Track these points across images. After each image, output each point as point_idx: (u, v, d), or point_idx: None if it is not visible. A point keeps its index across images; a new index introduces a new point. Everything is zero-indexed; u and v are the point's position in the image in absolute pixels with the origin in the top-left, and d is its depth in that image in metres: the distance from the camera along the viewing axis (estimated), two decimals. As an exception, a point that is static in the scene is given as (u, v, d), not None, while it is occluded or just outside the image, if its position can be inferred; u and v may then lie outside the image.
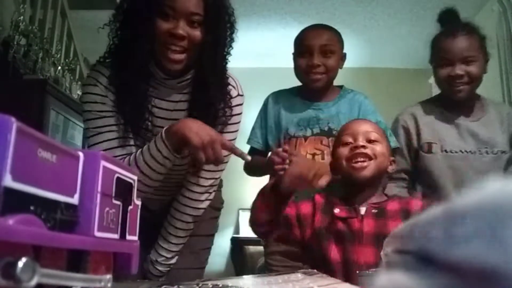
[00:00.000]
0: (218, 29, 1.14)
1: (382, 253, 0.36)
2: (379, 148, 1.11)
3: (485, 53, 1.48)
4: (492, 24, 3.20)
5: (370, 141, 1.11)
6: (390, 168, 1.16)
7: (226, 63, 1.21)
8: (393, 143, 1.46)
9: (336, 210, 1.09)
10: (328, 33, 1.56)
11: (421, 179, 1.54)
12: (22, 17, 2.48)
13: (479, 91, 1.54)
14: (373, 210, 1.08)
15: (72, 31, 3.13)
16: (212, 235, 1.43)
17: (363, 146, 1.09)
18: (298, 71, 1.56)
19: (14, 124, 0.25)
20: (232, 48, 1.20)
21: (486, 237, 0.16)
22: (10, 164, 0.24)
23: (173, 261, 1.26)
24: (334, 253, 1.06)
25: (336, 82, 1.63)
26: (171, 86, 1.18)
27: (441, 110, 1.53)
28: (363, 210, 1.09)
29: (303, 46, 1.54)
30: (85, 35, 3.33)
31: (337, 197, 1.16)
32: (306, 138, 1.53)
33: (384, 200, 1.13)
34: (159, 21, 1.07)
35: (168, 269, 1.27)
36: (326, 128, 1.53)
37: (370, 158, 1.09)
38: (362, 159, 1.08)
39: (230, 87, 1.24)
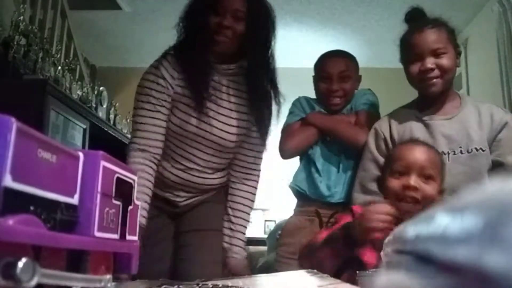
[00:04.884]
0: (259, 24, 1.40)
1: (381, 253, 0.36)
2: (431, 189, 1.07)
3: (455, 46, 1.44)
4: (492, 25, 3.21)
5: (424, 176, 1.07)
6: (438, 199, 1.10)
7: (272, 57, 1.48)
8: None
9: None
10: (345, 59, 1.71)
11: None
12: (22, 17, 2.48)
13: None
14: None
15: (72, 31, 3.13)
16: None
17: (415, 188, 1.06)
18: (320, 93, 1.72)
19: (14, 124, 0.25)
20: (274, 44, 1.48)
21: (486, 236, 0.16)
22: (10, 164, 0.24)
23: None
24: (368, 257, 1.05)
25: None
26: (224, 70, 1.44)
27: (413, 111, 1.49)
28: None
29: (323, 73, 1.69)
30: (85, 35, 3.33)
31: None
32: None
33: None
34: (211, 16, 1.35)
35: None
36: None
37: (418, 202, 1.06)
38: (411, 202, 1.06)
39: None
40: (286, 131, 1.72)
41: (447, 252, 0.18)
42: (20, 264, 0.23)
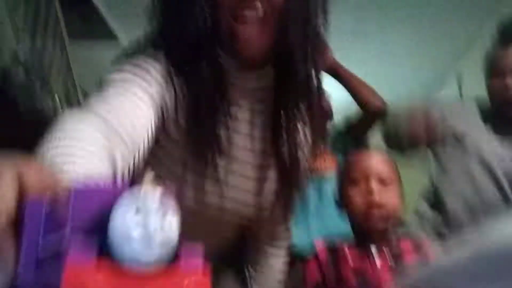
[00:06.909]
0: None
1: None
2: (393, 194, 1.02)
3: None
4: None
5: (382, 181, 1.02)
6: (401, 208, 1.05)
7: (321, 43, 0.82)
8: None
9: (350, 263, 0.99)
10: None
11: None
12: (21, 47, 2.49)
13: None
14: (387, 255, 0.99)
15: (71, 63, 3.14)
16: None
17: (379, 205, 0.99)
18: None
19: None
20: (327, 24, 0.80)
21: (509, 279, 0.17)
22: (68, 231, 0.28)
23: None
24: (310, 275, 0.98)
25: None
26: (246, 84, 0.81)
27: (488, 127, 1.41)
28: (378, 261, 0.98)
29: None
30: (83, 68, 3.34)
31: (347, 242, 1.05)
32: None
33: (396, 238, 1.04)
34: None
35: None
36: None
37: (383, 208, 1.00)
38: (376, 211, 1.00)
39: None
40: None
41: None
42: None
